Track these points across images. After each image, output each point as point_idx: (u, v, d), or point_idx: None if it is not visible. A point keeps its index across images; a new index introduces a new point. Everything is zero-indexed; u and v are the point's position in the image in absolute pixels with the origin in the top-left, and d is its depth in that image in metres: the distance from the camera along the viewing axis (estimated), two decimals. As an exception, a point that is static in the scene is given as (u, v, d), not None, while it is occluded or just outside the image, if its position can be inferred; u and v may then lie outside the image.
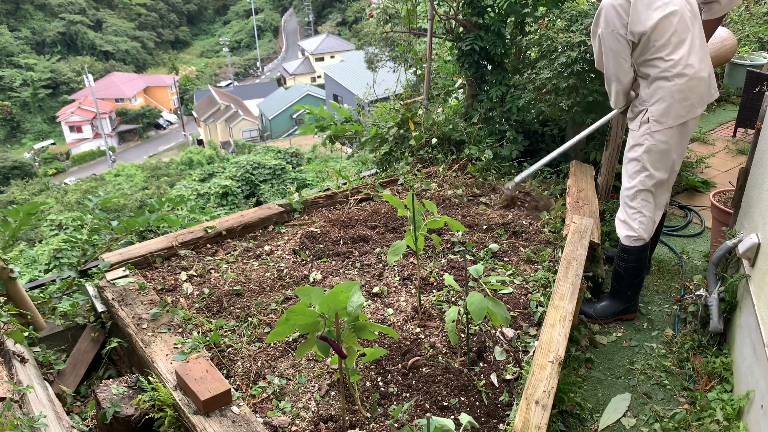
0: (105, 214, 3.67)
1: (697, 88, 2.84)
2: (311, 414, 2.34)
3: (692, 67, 2.80)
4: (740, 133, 5.79)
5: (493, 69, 4.65)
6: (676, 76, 2.81)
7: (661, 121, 2.88)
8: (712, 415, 2.54)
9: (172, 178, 26.52)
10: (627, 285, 3.21)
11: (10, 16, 50.89)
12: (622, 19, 2.79)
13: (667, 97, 2.84)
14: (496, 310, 2.34)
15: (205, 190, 13.10)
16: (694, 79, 2.82)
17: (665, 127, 2.89)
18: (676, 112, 2.86)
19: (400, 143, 4.90)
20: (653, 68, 2.86)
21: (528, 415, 2.10)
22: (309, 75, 49.67)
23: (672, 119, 2.87)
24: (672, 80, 2.82)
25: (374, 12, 5.49)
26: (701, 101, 2.89)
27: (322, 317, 2.04)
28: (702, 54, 2.86)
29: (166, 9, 60.40)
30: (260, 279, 3.20)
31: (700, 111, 2.92)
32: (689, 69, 2.80)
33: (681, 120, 2.87)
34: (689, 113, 2.87)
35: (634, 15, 2.77)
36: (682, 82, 2.81)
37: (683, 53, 2.80)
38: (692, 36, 2.83)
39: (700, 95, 2.87)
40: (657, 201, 3.06)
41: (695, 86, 2.83)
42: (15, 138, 44.77)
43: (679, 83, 2.81)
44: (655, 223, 3.13)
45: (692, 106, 2.87)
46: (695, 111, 2.89)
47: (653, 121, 2.89)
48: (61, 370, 2.91)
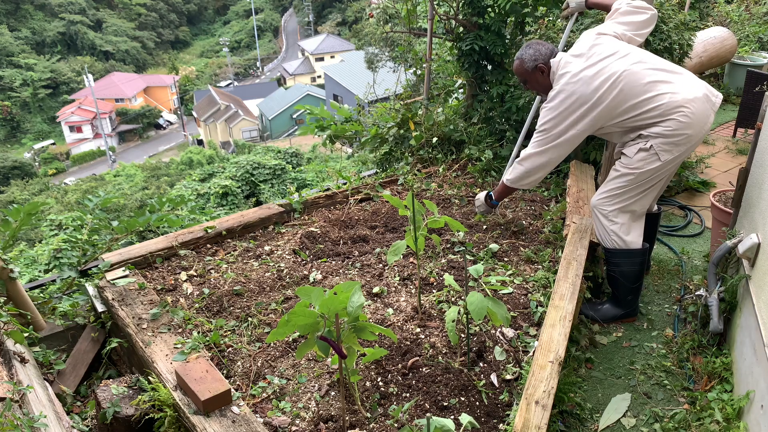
0: (105, 214, 3.67)
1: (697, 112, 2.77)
2: (311, 414, 2.34)
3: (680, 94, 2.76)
4: (740, 133, 5.79)
5: (493, 69, 4.65)
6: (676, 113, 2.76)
7: (666, 149, 2.82)
8: (712, 415, 2.54)
9: (172, 178, 26.52)
10: (626, 290, 3.20)
11: (10, 16, 50.86)
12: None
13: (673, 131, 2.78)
14: (496, 310, 2.34)
15: (205, 190, 13.10)
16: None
17: (671, 156, 2.84)
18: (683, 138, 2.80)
19: (400, 143, 4.90)
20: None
21: (528, 415, 2.10)
22: (309, 75, 49.66)
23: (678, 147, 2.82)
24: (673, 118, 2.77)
25: (374, 12, 5.50)
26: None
27: (322, 317, 2.04)
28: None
29: (166, 9, 60.36)
30: (260, 279, 3.20)
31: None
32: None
33: (687, 145, 2.82)
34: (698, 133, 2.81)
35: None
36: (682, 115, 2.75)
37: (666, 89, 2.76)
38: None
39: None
40: (639, 212, 3.06)
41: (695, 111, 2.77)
42: (15, 138, 44.76)
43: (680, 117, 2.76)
44: (641, 227, 3.11)
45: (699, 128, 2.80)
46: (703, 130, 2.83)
47: (661, 152, 2.83)
48: (61, 370, 2.91)
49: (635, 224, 3.06)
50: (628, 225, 3.04)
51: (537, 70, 3.03)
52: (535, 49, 3.03)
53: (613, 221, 3.04)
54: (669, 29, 3.88)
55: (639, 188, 2.95)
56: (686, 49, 4.02)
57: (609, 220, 3.05)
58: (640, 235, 3.08)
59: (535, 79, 3.07)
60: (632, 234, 3.05)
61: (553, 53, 3.02)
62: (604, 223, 3.06)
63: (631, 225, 3.05)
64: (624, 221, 3.03)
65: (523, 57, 3.06)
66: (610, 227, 3.05)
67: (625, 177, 2.94)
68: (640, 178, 2.91)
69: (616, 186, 2.99)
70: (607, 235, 3.08)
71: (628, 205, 3.00)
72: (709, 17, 7.19)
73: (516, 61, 3.10)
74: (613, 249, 3.08)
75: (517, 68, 3.12)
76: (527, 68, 3.05)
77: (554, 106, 2.93)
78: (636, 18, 3.06)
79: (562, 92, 2.89)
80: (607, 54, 2.86)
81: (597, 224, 3.13)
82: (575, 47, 3.01)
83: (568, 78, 2.88)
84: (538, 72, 3.03)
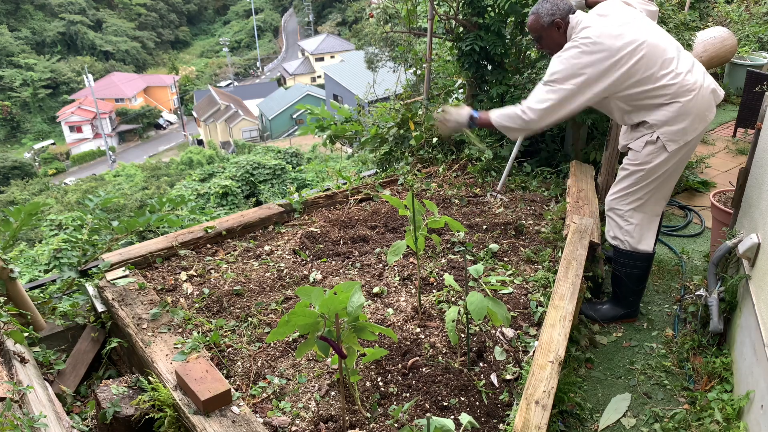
0: (105, 214, 3.67)
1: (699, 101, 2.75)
2: (311, 414, 2.34)
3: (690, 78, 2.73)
4: (740, 133, 5.79)
5: (493, 69, 4.65)
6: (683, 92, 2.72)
7: (675, 140, 2.79)
8: (712, 415, 2.54)
9: (172, 178, 26.53)
10: (629, 290, 3.19)
11: (10, 16, 50.88)
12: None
13: (681, 116, 2.75)
14: (496, 309, 2.34)
15: (205, 190, 13.11)
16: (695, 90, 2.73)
17: (678, 146, 2.80)
18: (692, 126, 2.76)
19: (400, 143, 4.90)
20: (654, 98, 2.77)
21: (528, 415, 2.10)
22: (309, 75, 49.67)
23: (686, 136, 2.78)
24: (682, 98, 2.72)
25: (374, 12, 5.50)
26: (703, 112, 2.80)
27: (322, 317, 2.04)
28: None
29: (166, 9, 60.38)
30: (260, 279, 3.20)
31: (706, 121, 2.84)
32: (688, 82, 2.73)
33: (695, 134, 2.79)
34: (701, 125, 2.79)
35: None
36: (689, 98, 2.72)
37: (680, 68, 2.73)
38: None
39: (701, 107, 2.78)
40: (654, 213, 3.04)
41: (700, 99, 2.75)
42: (15, 138, 44.77)
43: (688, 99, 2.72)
44: (654, 230, 3.08)
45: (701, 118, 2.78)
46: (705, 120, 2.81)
47: (667, 142, 2.79)
48: (61, 370, 2.91)
49: (649, 227, 3.04)
50: (642, 227, 3.01)
51: (554, 25, 2.83)
52: (552, 3, 2.82)
53: (629, 221, 3.01)
54: (669, 29, 3.88)
55: (651, 185, 2.91)
56: (686, 49, 4.02)
57: (625, 220, 3.02)
58: (652, 239, 3.06)
59: (551, 36, 2.86)
60: (646, 238, 3.03)
61: (572, 9, 2.85)
62: (620, 223, 3.03)
63: (645, 228, 3.02)
64: (639, 221, 3.00)
65: (540, 11, 2.84)
66: (626, 227, 3.02)
67: (636, 174, 2.91)
68: (650, 174, 2.87)
69: (628, 184, 2.96)
70: (621, 235, 3.05)
71: (643, 204, 2.97)
72: (709, 17, 7.19)
73: (531, 16, 2.89)
74: (623, 249, 3.07)
75: (531, 24, 2.89)
76: (543, 23, 2.83)
77: (570, 56, 2.73)
78: (648, 6, 3.03)
79: (584, 44, 2.70)
80: (632, 19, 2.76)
81: (611, 224, 3.09)
82: (599, 8, 2.86)
83: (589, 32, 2.71)
84: (554, 28, 2.83)
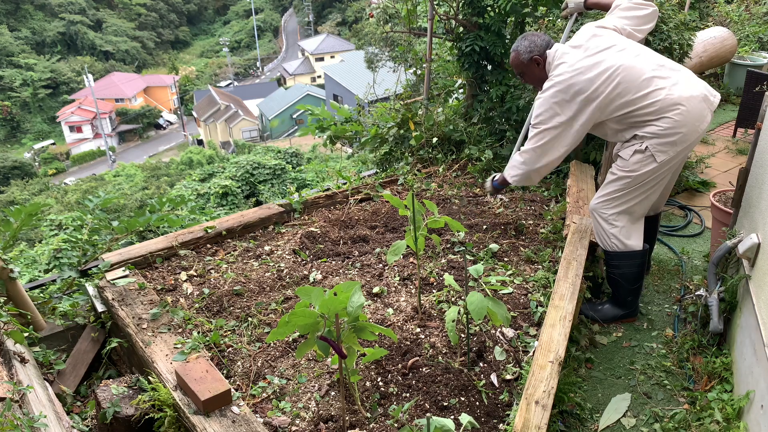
0: (105, 214, 3.67)
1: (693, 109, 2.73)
2: (311, 414, 2.34)
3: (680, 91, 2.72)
4: (740, 133, 5.79)
5: (493, 69, 4.65)
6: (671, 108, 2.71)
7: (663, 150, 2.77)
8: (712, 415, 2.54)
9: (172, 178, 26.52)
10: (626, 291, 3.18)
11: (10, 16, 50.86)
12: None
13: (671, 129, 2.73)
14: (496, 309, 2.34)
15: (205, 190, 13.11)
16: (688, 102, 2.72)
17: (668, 157, 2.79)
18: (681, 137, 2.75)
19: (400, 143, 4.90)
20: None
21: (528, 415, 2.10)
22: (309, 75, 49.65)
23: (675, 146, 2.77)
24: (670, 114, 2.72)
25: (374, 12, 5.50)
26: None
27: (322, 317, 2.04)
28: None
29: (166, 9, 60.36)
30: (260, 279, 3.20)
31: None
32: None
33: (686, 143, 2.77)
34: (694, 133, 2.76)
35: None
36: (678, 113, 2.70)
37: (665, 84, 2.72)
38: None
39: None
40: (639, 214, 3.04)
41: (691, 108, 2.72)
42: (15, 138, 44.75)
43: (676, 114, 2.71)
44: (640, 229, 3.08)
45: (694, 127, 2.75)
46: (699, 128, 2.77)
47: (656, 152, 2.78)
48: (61, 370, 2.91)
49: (635, 226, 3.03)
50: (628, 228, 3.01)
51: (533, 61, 2.96)
52: (530, 41, 2.97)
53: (613, 224, 3.01)
54: (669, 29, 3.87)
55: (637, 191, 2.92)
56: (686, 49, 4.02)
57: (609, 224, 3.02)
58: (640, 237, 3.06)
59: (532, 71, 3.00)
60: (633, 237, 3.02)
61: (549, 44, 2.96)
62: (604, 226, 3.04)
63: (631, 228, 3.01)
64: (624, 224, 3.00)
65: (519, 49, 2.99)
66: (610, 230, 3.02)
67: (622, 180, 2.91)
68: (637, 180, 2.87)
69: (614, 189, 2.96)
70: (607, 238, 3.06)
71: (628, 208, 2.97)
72: (709, 17, 7.19)
73: (512, 53, 3.04)
74: (613, 252, 3.07)
75: (513, 60, 3.05)
76: (523, 60, 2.98)
77: (549, 96, 2.84)
78: (637, 12, 3.03)
79: (558, 83, 2.81)
80: (605, 46, 2.80)
81: (597, 227, 3.11)
82: (574, 39, 2.96)
83: (564, 68, 2.81)
84: (534, 64, 2.97)
